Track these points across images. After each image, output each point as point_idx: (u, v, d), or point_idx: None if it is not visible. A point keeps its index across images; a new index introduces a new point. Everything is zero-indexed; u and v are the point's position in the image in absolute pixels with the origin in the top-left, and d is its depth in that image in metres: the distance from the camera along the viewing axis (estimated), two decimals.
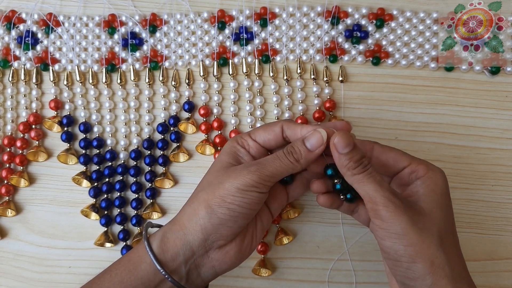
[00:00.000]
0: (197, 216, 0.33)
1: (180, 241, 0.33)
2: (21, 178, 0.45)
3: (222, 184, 0.33)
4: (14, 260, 0.45)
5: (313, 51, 0.46)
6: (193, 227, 0.33)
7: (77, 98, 0.46)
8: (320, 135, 0.33)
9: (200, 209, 0.33)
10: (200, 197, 0.33)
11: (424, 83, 0.46)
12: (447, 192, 0.33)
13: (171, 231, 0.34)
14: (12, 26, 0.46)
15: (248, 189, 0.32)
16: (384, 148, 0.35)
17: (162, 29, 0.46)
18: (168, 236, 0.34)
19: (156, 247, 0.33)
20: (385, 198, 0.31)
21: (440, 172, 0.34)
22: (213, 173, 0.35)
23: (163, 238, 0.34)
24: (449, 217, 0.33)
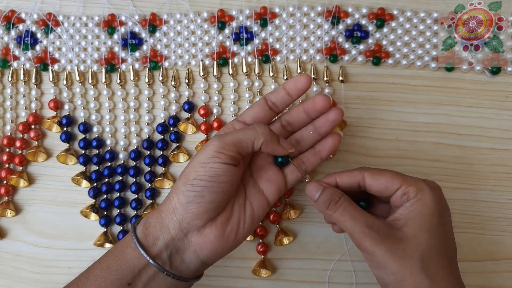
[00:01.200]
0: (169, 199, 0.34)
1: (159, 224, 0.34)
2: (21, 179, 0.45)
3: (189, 164, 0.34)
4: (13, 261, 0.45)
5: (313, 51, 0.46)
6: (167, 209, 0.34)
7: (76, 98, 0.46)
8: (287, 146, 0.36)
9: (171, 192, 0.34)
10: (179, 181, 0.34)
11: (425, 83, 0.46)
12: (437, 212, 0.33)
13: (152, 216, 0.35)
14: (12, 26, 0.46)
15: (209, 161, 0.33)
16: (374, 174, 0.35)
17: (161, 29, 0.46)
18: (149, 221, 0.35)
19: (140, 231, 0.34)
20: (361, 233, 0.33)
21: (431, 191, 0.33)
22: (196, 159, 0.35)
23: (145, 223, 0.35)
24: (437, 237, 0.33)
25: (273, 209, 0.45)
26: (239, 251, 0.45)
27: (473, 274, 0.44)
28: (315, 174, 0.45)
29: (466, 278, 0.44)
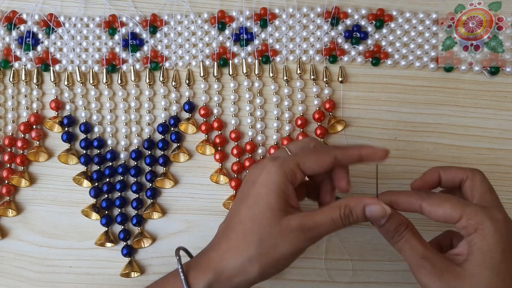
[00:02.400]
0: (248, 275, 0.32)
1: (219, 285, 0.32)
2: (22, 178, 0.45)
3: (277, 249, 0.31)
4: (15, 260, 0.46)
5: (313, 52, 0.46)
6: (241, 282, 0.32)
7: (77, 99, 0.46)
8: (384, 211, 0.32)
9: (252, 268, 0.31)
10: (253, 255, 0.31)
11: (424, 84, 0.46)
12: (500, 248, 0.30)
13: (218, 284, 0.32)
14: (13, 26, 0.46)
15: (301, 252, 0.33)
16: (432, 205, 0.32)
17: (162, 30, 0.46)
18: (213, 285, 0.32)
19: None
20: (416, 265, 0.31)
21: (493, 224, 0.30)
22: (263, 222, 0.32)
23: (206, 285, 0.32)
24: (500, 276, 0.30)
25: None
26: None
27: None
28: None
29: None
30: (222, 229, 0.35)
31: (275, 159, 0.33)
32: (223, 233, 0.34)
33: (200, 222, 0.45)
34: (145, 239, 0.45)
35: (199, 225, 0.45)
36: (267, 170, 0.32)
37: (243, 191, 0.34)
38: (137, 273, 0.45)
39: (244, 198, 0.33)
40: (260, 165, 0.34)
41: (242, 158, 0.46)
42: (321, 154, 0.33)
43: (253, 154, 0.46)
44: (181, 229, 0.46)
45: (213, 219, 0.45)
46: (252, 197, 0.32)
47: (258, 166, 0.34)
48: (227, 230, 0.33)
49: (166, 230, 0.46)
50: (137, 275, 0.45)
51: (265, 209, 0.32)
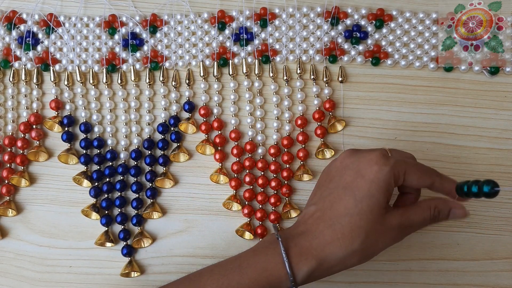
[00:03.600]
0: (347, 265, 0.34)
1: (319, 272, 0.33)
2: (22, 178, 0.45)
3: (378, 244, 0.34)
4: (15, 260, 0.46)
5: (312, 52, 0.46)
6: (339, 270, 0.34)
7: (77, 98, 0.46)
8: (465, 214, 0.35)
9: (352, 260, 0.33)
10: (357, 250, 0.33)
11: (424, 84, 0.46)
12: None
13: (318, 271, 0.33)
14: (13, 26, 0.46)
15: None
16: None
17: (162, 30, 0.46)
18: (314, 272, 0.33)
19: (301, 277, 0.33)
20: None
21: None
22: (370, 218, 0.33)
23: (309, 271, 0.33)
24: None
25: (273, 209, 0.45)
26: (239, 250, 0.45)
27: (472, 273, 0.44)
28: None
29: (465, 277, 0.44)
30: (321, 213, 0.34)
31: (387, 157, 0.34)
32: (325, 219, 0.34)
33: (200, 222, 0.45)
34: (145, 239, 0.45)
35: (199, 225, 0.45)
36: (379, 166, 0.33)
37: (345, 179, 0.34)
38: (137, 273, 0.45)
39: (350, 189, 0.34)
40: (368, 157, 0.34)
41: (242, 158, 0.46)
42: (424, 174, 0.34)
43: (253, 154, 0.46)
44: (181, 229, 0.46)
45: (213, 219, 0.45)
46: (361, 190, 0.33)
47: (364, 156, 0.34)
48: (331, 218, 0.33)
49: (166, 230, 0.46)
50: (137, 275, 0.45)
51: (374, 206, 0.33)
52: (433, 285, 0.44)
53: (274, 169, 0.45)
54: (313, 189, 0.38)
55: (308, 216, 0.35)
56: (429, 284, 0.44)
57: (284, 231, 0.36)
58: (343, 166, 0.35)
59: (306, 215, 0.35)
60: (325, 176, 0.37)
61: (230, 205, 0.45)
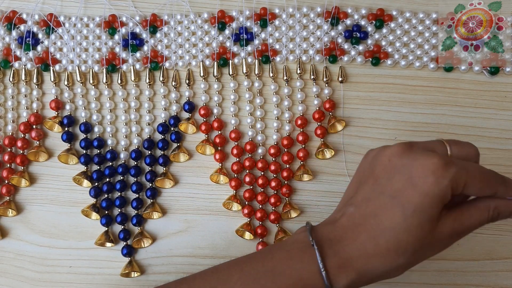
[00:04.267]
0: (388, 276, 0.31)
1: (358, 284, 0.31)
2: (22, 178, 0.45)
3: (426, 255, 0.31)
4: (15, 260, 0.46)
5: (313, 52, 0.46)
6: (377, 279, 0.31)
7: (77, 99, 0.46)
8: None
9: (396, 273, 0.31)
10: (401, 264, 0.30)
11: (424, 84, 0.46)
12: None
13: (358, 284, 0.31)
14: (13, 26, 0.46)
15: None
16: None
17: (162, 30, 0.46)
18: (353, 284, 0.30)
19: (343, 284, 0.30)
20: None
21: None
22: (420, 235, 0.29)
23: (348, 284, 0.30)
24: None
25: (273, 209, 0.45)
26: (239, 250, 0.45)
27: (472, 273, 0.44)
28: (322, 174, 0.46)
29: (464, 277, 0.44)
30: (363, 220, 0.30)
31: (447, 165, 0.29)
32: (367, 229, 0.30)
33: (200, 222, 0.45)
34: (145, 239, 0.45)
35: (199, 225, 0.45)
36: (436, 178, 0.28)
37: (394, 185, 0.30)
38: (137, 273, 0.45)
39: (398, 199, 0.29)
40: (423, 162, 0.29)
41: (242, 158, 0.46)
42: (486, 185, 0.30)
43: (253, 154, 0.46)
44: (181, 229, 0.46)
45: (213, 219, 0.45)
46: (411, 203, 0.29)
47: (418, 160, 0.29)
48: (375, 229, 0.30)
49: (166, 230, 0.46)
50: (137, 275, 0.45)
51: (425, 221, 0.29)
52: (433, 285, 0.44)
53: (274, 169, 0.45)
54: (352, 180, 0.34)
55: (347, 218, 0.31)
56: (429, 284, 0.44)
57: (318, 230, 0.32)
58: (392, 166, 0.30)
59: (345, 216, 0.32)
60: (368, 171, 0.32)
61: (230, 205, 0.45)
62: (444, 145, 0.31)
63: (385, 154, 0.31)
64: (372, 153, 0.33)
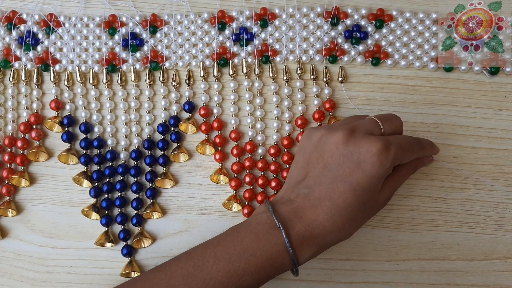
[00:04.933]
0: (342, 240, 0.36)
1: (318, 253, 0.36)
2: (22, 178, 0.45)
3: (371, 217, 0.38)
4: (14, 260, 0.46)
5: (312, 52, 0.46)
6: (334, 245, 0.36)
7: (77, 99, 0.46)
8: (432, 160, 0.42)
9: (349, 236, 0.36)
10: (354, 229, 0.36)
11: (423, 84, 0.46)
12: None
13: (318, 252, 0.36)
14: (13, 26, 0.46)
15: None
16: None
17: (162, 30, 0.46)
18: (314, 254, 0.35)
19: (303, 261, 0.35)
20: None
21: None
22: (368, 209, 0.36)
23: (310, 256, 0.35)
24: None
25: None
26: None
27: (472, 273, 0.44)
28: None
29: (464, 277, 0.44)
30: (318, 202, 0.35)
31: (388, 148, 0.34)
32: (325, 210, 0.34)
33: (200, 222, 0.45)
34: (145, 239, 0.45)
35: (199, 225, 0.45)
36: (381, 161, 0.33)
37: (344, 171, 0.34)
38: (137, 273, 0.45)
39: (349, 183, 0.34)
40: (368, 147, 0.34)
41: (242, 158, 0.46)
42: (413, 154, 0.37)
43: (253, 154, 0.46)
44: (181, 229, 0.46)
45: (213, 219, 0.45)
46: (361, 185, 0.34)
47: (363, 146, 0.34)
48: (331, 209, 0.34)
49: (166, 230, 0.46)
50: (137, 275, 0.45)
51: (372, 197, 0.35)
52: (433, 285, 0.44)
53: (274, 169, 0.45)
54: (297, 159, 0.38)
55: (302, 200, 0.35)
56: (429, 284, 0.44)
57: (278, 211, 0.35)
58: (340, 154, 0.34)
59: (300, 197, 0.35)
60: (316, 155, 0.36)
61: (230, 205, 0.45)
62: (378, 124, 0.36)
63: (331, 141, 0.35)
64: (315, 135, 0.37)
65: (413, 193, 0.45)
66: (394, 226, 0.45)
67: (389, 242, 0.45)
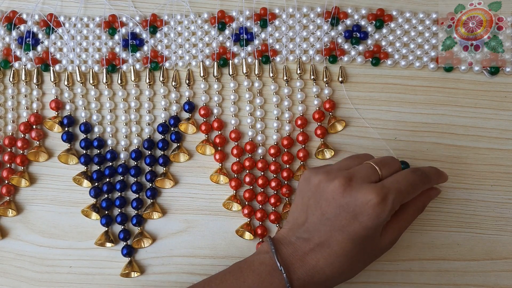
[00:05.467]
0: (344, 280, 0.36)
1: None
2: (22, 178, 0.45)
3: (372, 261, 0.38)
4: (15, 260, 0.46)
5: (313, 52, 0.46)
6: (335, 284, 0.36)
7: (77, 99, 0.46)
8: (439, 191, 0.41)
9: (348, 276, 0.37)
10: (355, 273, 0.37)
11: (424, 84, 0.46)
12: None
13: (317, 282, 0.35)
14: (13, 26, 0.46)
15: None
16: None
17: (162, 30, 0.46)
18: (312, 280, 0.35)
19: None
20: None
21: None
22: (370, 255, 0.37)
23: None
24: None
25: (273, 209, 0.45)
26: (239, 250, 0.45)
27: (472, 273, 0.44)
28: None
29: (464, 277, 0.44)
30: (318, 248, 0.35)
31: (385, 199, 0.33)
32: (325, 257, 0.35)
33: (200, 222, 0.45)
34: (145, 239, 0.45)
35: (199, 225, 0.45)
36: (377, 213, 0.33)
37: (341, 221, 0.34)
38: (137, 273, 0.45)
39: (347, 232, 0.34)
40: (364, 199, 0.33)
41: (242, 158, 0.46)
42: (415, 191, 0.36)
43: (253, 154, 0.46)
44: (181, 229, 0.46)
45: (213, 219, 0.45)
46: (358, 235, 0.34)
47: (359, 199, 0.34)
48: (331, 256, 0.34)
49: (166, 230, 0.46)
50: (137, 275, 0.45)
51: (371, 243, 0.35)
52: (433, 285, 0.44)
53: (274, 169, 0.45)
54: (296, 202, 0.38)
55: (303, 244, 0.35)
56: (429, 284, 0.44)
57: (281, 253, 0.36)
58: (336, 204, 0.34)
59: (300, 241, 0.36)
60: (314, 201, 0.36)
61: (230, 205, 0.45)
62: (376, 170, 0.36)
63: (328, 190, 0.35)
64: (313, 180, 0.36)
65: None
66: None
67: None
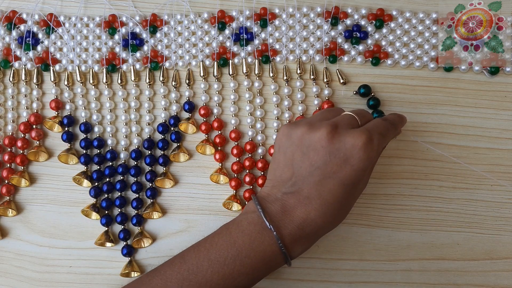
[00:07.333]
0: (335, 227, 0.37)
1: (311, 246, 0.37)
2: (22, 178, 0.45)
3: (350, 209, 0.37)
4: (15, 260, 0.46)
5: (312, 52, 0.46)
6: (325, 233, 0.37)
7: (77, 98, 0.46)
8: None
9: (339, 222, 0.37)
10: (344, 217, 0.36)
11: (423, 84, 0.46)
12: None
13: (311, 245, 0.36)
14: (13, 26, 0.46)
15: None
16: None
17: (162, 30, 0.46)
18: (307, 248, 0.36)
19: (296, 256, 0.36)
20: None
21: None
22: (356, 198, 0.37)
23: (303, 251, 0.36)
24: None
25: None
26: None
27: (472, 273, 0.44)
28: None
29: (464, 277, 0.44)
30: (308, 201, 0.34)
31: (371, 138, 0.34)
32: (316, 207, 0.34)
33: (200, 222, 0.46)
34: (145, 239, 0.45)
35: (199, 225, 0.45)
36: (367, 154, 0.33)
37: (331, 168, 0.34)
38: (137, 273, 0.45)
39: (338, 178, 0.34)
40: (352, 142, 0.33)
41: (242, 158, 0.46)
42: (390, 135, 0.37)
43: (253, 154, 0.46)
44: (181, 229, 0.46)
45: (213, 219, 0.45)
46: (350, 179, 0.34)
47: (348, 142, 0.34)
48: (322, 206, 0.34)
49: (166, 230, 0.46)
50: (137, 275, 0.45)
51: (361, 189, 0.37)
52: (433, 285, 0.44)
53: None
54: (278, 157, 0.37)
55: (291, 198, 0.35)
56: (429, 284, 0.44)
57: (268, 210, 0.35)
58: (326, 152, 0.34)
59: (288, 195, 0.35)
60: (299, 153, 0.35)
61: (230, 205, 0.45)
62: (355, 119, 0.37)
63: (314, 139, 0.35)
64: (295, 133, 0.36)
65: (413, 193, 0.45)
66: (394, 226, 0.45)
67: (389, 242, 0.45)
